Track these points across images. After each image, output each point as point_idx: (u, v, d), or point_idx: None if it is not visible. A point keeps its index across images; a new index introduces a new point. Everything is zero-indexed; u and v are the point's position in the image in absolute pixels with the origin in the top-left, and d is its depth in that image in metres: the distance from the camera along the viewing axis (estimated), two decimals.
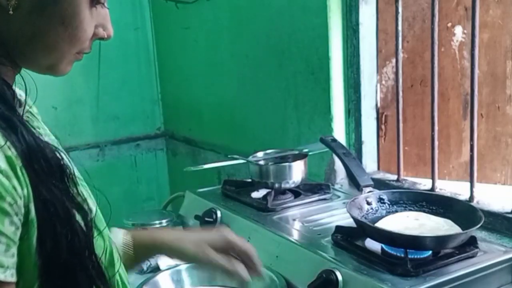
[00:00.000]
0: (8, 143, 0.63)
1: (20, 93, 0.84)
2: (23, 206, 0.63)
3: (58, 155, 0.71)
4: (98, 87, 2.61)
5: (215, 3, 2.18)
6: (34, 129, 0.73)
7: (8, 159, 0.62)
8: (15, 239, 0.62)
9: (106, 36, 0.78)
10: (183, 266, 1.29)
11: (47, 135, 0.81)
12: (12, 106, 0.69)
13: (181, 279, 1.30)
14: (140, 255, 1.02)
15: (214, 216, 1.49)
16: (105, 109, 2.66)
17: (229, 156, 1.61)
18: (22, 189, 0.63)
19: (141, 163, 2.81)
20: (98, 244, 0.76)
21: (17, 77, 0.75)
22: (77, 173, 0.83)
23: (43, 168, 0.66)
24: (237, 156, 1.59)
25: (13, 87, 0.76)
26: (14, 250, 0.62)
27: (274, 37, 1.87)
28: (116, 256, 0.84)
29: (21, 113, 0.72)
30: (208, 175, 2.21)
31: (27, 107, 0.76)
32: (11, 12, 0.67)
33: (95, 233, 0.76)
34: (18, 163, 0.63)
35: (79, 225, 0.70)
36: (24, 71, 0.76)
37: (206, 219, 1.49)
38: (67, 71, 0.77)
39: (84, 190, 0.80)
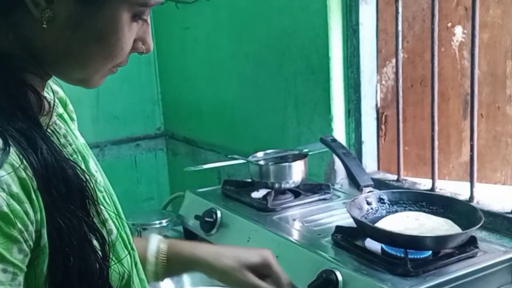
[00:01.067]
0: (24, 163, 0.60)
1: (55, 89, 0.82)
2: (35, 231, 0.60)
3: (80, 174, 0.67)
4: (98, 87, 2.60)
5: (215, 3, 2.18)
6: (59, 140, 0.71)
7: (22, 182, 0.59)
8: (22, 267, 0.59)
9: (145, 51, 0.74)
10: None
11: (74, 143, 0.78)
12: (35, 120, 0.65)
13: (181, 279, 1.31)
14: (174, 267, 0.99)
15: (214, 216, 1.48)
16: (105, 109, 2.66)
17: (229, 156, 1.61)
18: (35, 213, 0.60)
19: (141, 163, 2.80)
20: (114, 273, 0.72)
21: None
22: (102, 181, 0.81)
23: (61, 192, 0.63)
24: (237, 156, 1.58)
25: (44, 92, 0.74)
26: (21, 278, 0.59)
27: (274, 37, 1.87)
28: (135, 279, 0.79)
29: (48, 121, 0.69)
30: (208, 175, 2.21)
31: (54, 115, 0.74)
32: (45, 26, 0.64)
33: (114, 260, 0.72)
34: (33, 185, 0.60)
35: (94, 255, 0.66)
36: None
37: (206, 219, 1.49)
38: (99, 84, 0.74)
39: (105, 203, 0.76)
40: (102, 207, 0.72)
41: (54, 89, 0.82)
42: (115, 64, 0.72)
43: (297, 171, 1.51)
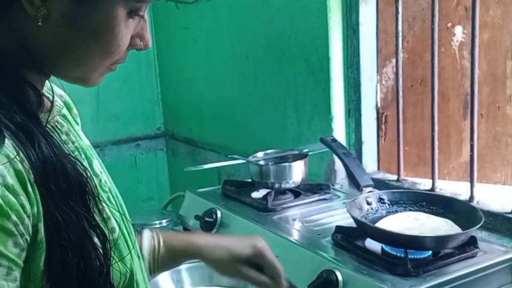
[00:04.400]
0: (21, 155, 0.58)
1: (60, 93, 0.81)
2: (32, 226, 0.58)
3: (81, 170, 0.65)
4: (98, 87, 2.59)
5: (215, 3, 2.18)
6: (60, 137, 0.69)
7: (18, 173, 0.57)
8: (18, 262, 0.57)
9: (143, 47, 0.72)
10: (183, 266, 1.29)
11: (76, 142, 0.76)
12: (34, 115, 0.64)
13: (181, 279, 1.30)
14: (172, 258, 0.99)
15: (214, 216, 1.49)
16: (105, 109, 2.66)
17: (229, 156, 1.61)
18: (32, 207, 0.58)
19: (141, 163, 2.80)
20: (115, 271, 0.70)
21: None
22: (108, 182, 0.80)
23: (59, 186, 0.61)
24: (237, 156, 1.59)
25: (44, 91, 0.72)
26: (17, 273, 0.57)
27: (274, 37, 1.87)
28: (139, 278, 0.78)
29: (47, 119, 0.68)
30: (208, 175, 2.21)
31: (55, 112, 0.73)
32: (40, 24, 0.63)
33: (115, 258, 0.70)
34: (30, 178, 0.58)
35: (95, 252, 0.64)
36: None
37: (206, 219, 1.49)
38: (98, 82, 0.73)
39: (110, 205, 0.75)
40: (104, 205, 0.71)
41: (59, 93, 0.81)
42: (113, 61, 0.70)
43: (297, 171, 1.51)
